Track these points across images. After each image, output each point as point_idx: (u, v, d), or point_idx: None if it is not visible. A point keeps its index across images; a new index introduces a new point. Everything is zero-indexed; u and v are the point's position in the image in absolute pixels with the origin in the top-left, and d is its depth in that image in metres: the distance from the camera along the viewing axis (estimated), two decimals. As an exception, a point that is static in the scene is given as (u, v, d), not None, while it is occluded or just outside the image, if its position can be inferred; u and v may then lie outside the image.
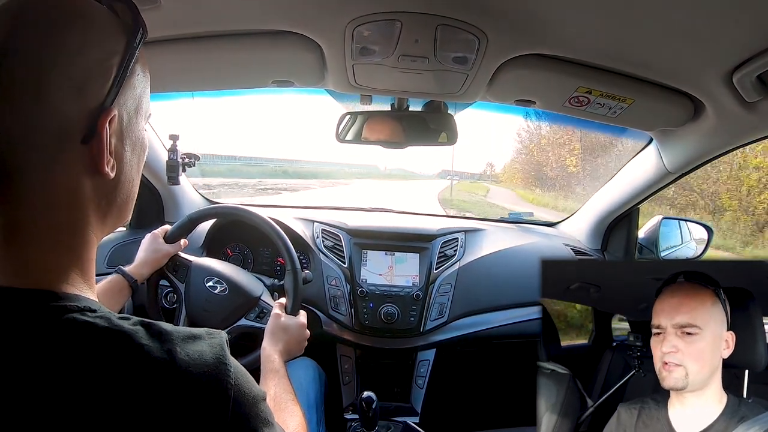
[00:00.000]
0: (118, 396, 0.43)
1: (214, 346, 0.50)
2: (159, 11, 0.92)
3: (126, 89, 0.52)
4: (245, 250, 1.78)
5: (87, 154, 0.49)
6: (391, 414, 1.56)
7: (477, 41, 0.99)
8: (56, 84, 0.46)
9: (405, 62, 1.09)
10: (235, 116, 66.58)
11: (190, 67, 1.20)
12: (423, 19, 0.95)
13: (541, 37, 1.00)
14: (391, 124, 1.43)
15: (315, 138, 58.44)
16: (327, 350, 1.63)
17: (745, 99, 1.06)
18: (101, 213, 0.53)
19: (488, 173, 27.27)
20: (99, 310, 0.47)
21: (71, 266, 0.50)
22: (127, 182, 0.56)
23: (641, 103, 1.21)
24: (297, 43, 1.06)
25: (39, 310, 0.44)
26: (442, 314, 1.62)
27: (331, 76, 1.22)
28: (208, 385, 0.47)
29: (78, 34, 0.47)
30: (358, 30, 0.98)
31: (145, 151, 0.60)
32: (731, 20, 0.85)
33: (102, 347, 0.44)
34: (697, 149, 1.40)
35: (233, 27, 1.05)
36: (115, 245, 1.68)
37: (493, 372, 1.90)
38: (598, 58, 1.08)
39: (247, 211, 1.40)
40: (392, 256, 1.71)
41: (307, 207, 2.10)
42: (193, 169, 1.60)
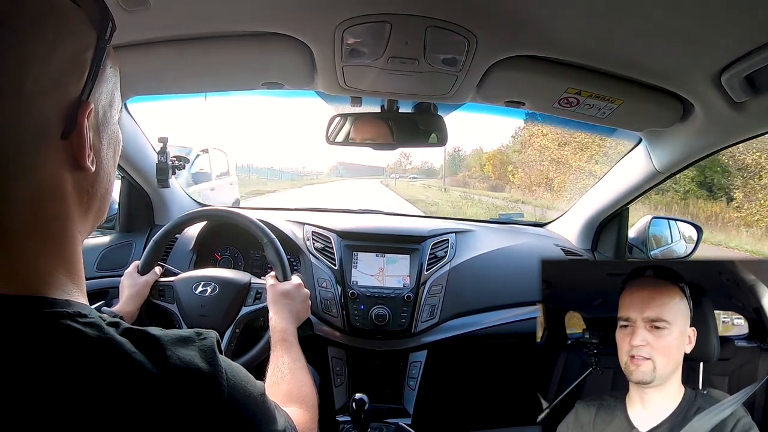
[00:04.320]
0: (110, 404, 0.42)
1: (205, 349, 0.49)
2: (148, 13, 0.91)
3: (100, 83, 0.52)
4: (236, 253, 1.77)
5: (67, 149, 0.48)
6: (383, 415, 1.55)
7: (466, 43, 0.99)
8: (33, 81, 0.45)
9: (395, 64, 1.09)
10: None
11: (179, 69, 1.20)
12: (412, 21, 0.94)
13: (531, 38, 1.00)
14: (381, 126, 1.43)
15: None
16: (318, 352, 1.62)
17: (733, 99, 1.07)
18: (83, 209, 0.52)
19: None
20: (89, 315, 0.46)
21: (59, 268, 0.49)
22: (105, 176, 0.55)
23: (630, 104, 1.22)
24: (286, 45, 1.06)
25: (30, 317, 0.44)
26: (433, 315, 1.62)
27: (320, 78, 1.22)
28: (200, 390, 0.46)
29: (51, 31, 0.47)
30: (347, 32, 0.98)
31: (120, 145, 0.59)
32: (720, 21, 0.85)
33: (92, 355, 0.43)
34: (686, 149, 1.41)
35: (222, 29, 1.05)
36: (105, 249, 1.67)
37: (484, 372, 1.90)
38: (587, 59, 1.09)
39: (214, 210, 1.43)
40: (383, 257, 1.71)
41: (298, 209, 2.10)
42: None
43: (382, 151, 1.53)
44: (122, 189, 1.76)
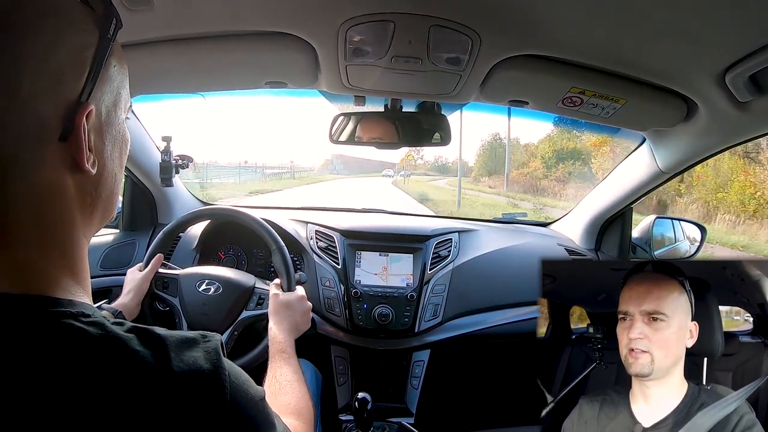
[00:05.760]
0: (113, 404, 0.42)
1: (209, 350, 0.49)
2: (152, 12, 0.92)
3: (102, 83, 0.51)
4: (239, 252, 1.77)
5: (66, 151, 0.48)
6: (386, 415, 1.56)
7: (470, 42, 0.99)
8: (30, 82, 0.44)
9: (398, 63, 1.09)
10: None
11: (183, 69, 1.20)
12: (416, 20, 0.94)
13: (534, 37, 1.00)
14: (385, 125, 1.43)
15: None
16: (321, 351, 1.62)
17: (737, 99, 1.07)
18: (87, 211, 0.52)
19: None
20: (93, 315, 0.46)
21: (63, 269, 0.49)
22: (109, 178, 0.55)
23: (634, 104, 1.22)
24: (290, 44, 1.06)
25: (33, 316, 0.44)
26: (436, 315, 1.62)
27: (324, 77, 1.22)
28: (204, 391, 0.46)
29: (50, 30, 0.46)
30: (351, 31, 0.98)
31: (127, 145, 0.59)
32: (724, 20, 0.85)
33: (95, 354, 0.43)
34: (690, 149, 1.41)
35: (226, 28, 1.05)
36: (109, 248, 1.68)
37: (487, 372, 1.90)
38: (591, 59, 1.09)
39: (218, 208, 1.44)
40: (386, 256, 1.71)
41: (301, 208, 2.10)
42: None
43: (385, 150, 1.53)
44: (126, 188, 1.77)
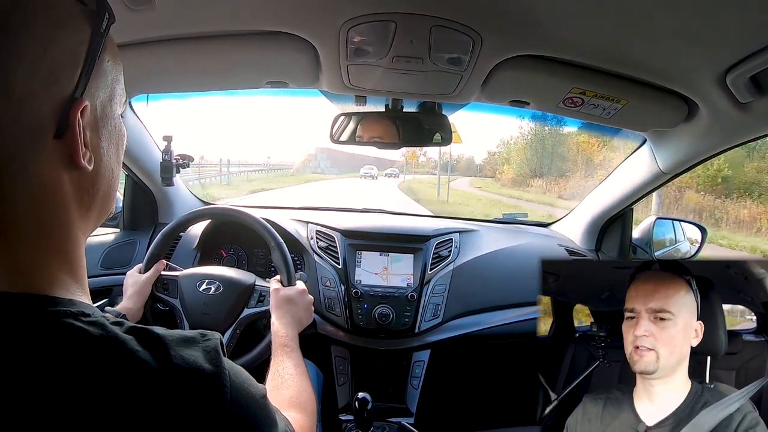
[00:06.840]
0: (113, 404, 0.42)
1: (209, 349, 0.49)
2: (153, 12, 0.92)
3: (96, 78, 0.51)
4: (240, 251, 1.77)
5: (62, 148, 0.47)
6: (386, 415, 1.55)
7: (471, 42, 0.99)
8: (24, 80, 0.44)
9: (399, 63, 1.09)
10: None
11: (184, 68, 1.20)
12: (417, 20, 0.95)
13: (535, 38, 1.00)
14: (386, 125, 1.43)
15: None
16: (321, 351, 1.62)
17: (738, 99, 1.07)
18: (84, 208, 0.52)
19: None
20: (93, 315, 0.46)
21: (60, 267, 0.49)
22: (106, 174, 0.54)
23: (635, 104, 1.22)
24: (291, 43, 1.06)
25: (33, 316, 0.43)
26: (436, 315, 1.62)
27: (325, 77, 1.22)
28: (203, 390, 0.46)
29: (43, 27, 0.46)
30: (352, 31, 0.98)
31: (123, 141, 0.58)
32: (725, 21, 0.85)
33: (95, 353, 0.43)
34: (691, 150, 1.41)
35: (227, 27, 1.05)
36: (109, 247, 1.67)
37: (488, 372, 1.90)
38: (592, 59, 1.09)
39: (216, 208, 1.44)
40: (387, 256, 1.71)
41: (302, 208, 2.10)
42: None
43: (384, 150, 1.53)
44: (126, 187, 1.77)
